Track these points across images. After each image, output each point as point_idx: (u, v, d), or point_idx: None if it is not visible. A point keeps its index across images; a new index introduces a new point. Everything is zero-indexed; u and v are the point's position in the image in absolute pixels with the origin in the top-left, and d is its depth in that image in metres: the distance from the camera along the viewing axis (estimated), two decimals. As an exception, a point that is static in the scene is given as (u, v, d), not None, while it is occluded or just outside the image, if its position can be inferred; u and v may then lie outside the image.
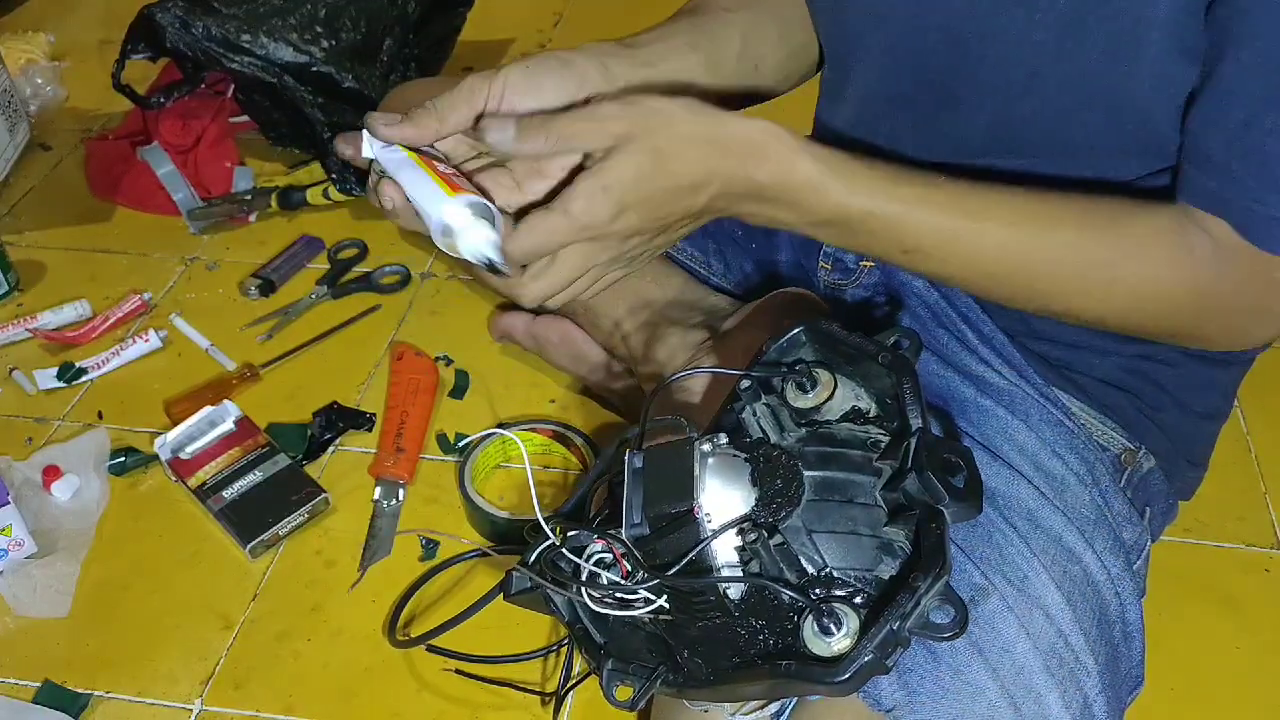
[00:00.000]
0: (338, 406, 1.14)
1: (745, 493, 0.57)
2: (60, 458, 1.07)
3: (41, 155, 1.58)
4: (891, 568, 0.55)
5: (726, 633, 0.56)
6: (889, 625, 0.51)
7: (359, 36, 1.44)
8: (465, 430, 1.12)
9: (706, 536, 0.55)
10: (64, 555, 0.99)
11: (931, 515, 0.54)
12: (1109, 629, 0.67)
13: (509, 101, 0.65)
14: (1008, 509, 0.67)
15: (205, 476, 1.05)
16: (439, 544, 1.01)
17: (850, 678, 0.51)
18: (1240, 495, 1.04)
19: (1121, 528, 0.71)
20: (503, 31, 1.84)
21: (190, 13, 1.38)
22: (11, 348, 1.24)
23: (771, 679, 0.54)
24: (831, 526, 0.56)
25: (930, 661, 0.61)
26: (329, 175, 1.42)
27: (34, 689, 0.90)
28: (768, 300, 0.85)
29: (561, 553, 0.60)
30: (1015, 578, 0.64)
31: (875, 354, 0.59)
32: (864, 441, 0.59)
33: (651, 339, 0.91)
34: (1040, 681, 0.62)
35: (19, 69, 1.68)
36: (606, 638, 0.62)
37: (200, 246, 1.39)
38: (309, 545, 1.02)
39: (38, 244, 1.41)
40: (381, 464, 1.07)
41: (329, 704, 0.89)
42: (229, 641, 0.94)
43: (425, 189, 0.60)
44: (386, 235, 1.39)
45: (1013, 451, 0.70)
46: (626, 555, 0.57)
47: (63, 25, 1.89)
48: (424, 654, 0.89)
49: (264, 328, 1.26)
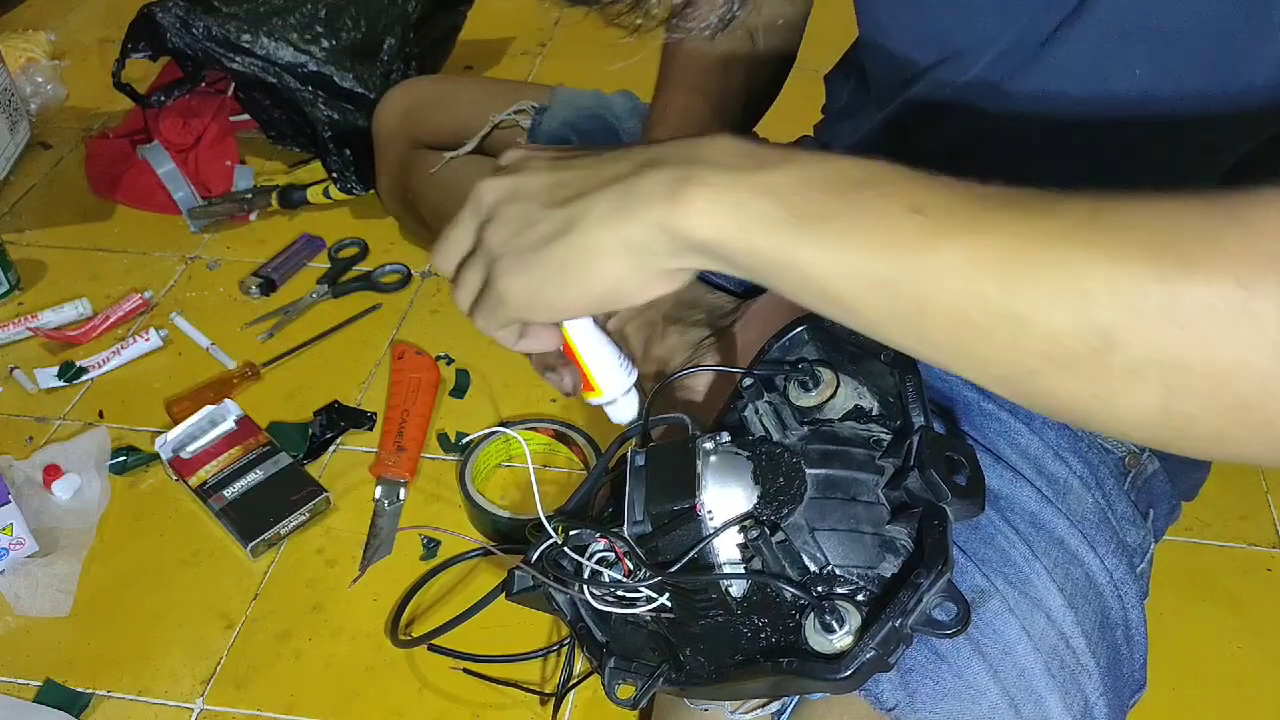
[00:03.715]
0: (339, 405, 1.14)
1: (747, 490, 0.56)
2: (61, 457, 1.07)
3: (42, 154, 1.58)
4: (894, 565, 0.55)
5: (729, 630, 0.56)
6: (891, 622, 0.50)
7: (359, 36, 1.44)
8: (466, 429, 1.12)
9: (709, 534, 0.55)
10: (65, 554, 0.99)
11: (934, 513, 0.53)
12: (1111, 631, 0.67)
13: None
14: (1010, 511, 0.67)
15: (206, 476, 1.05)
16: (440, 543, 1.00)
17: (852, 675, 0.51)
18: (1242, 495, 1.04)
19: (1124, 530, 0.71)
20: (503, 30, 1.84)
21: (190, 12, 1.38)
22: (12, 347, 1.24)
23: (773, 676, 0.54)
24: (834, 524, 0.56)
25: (931, 662, 0.61)
26: (329, 174, 1.42)
27: (35, 688, 0.90)
28: (769, 298, 0.85)
29: (564, 551, 0.60)
30: (1017, 580, 0.64)
31: (878, 352, 0.59)
32: (866, 439, 0.59)
33: (652, 337, 0.91)
34: (1042, 683, 0.62)
35: (19, 68, 1.68)
36: (608, 636, 0.62)
37: (201, 245, 1.39)
38: (310, 544, 1.02)
39: (38, 243, 1.41)
40: (382, 463, 1.07)
41: (330, 703, 0.89)
42: (230, 641, 0.94)
43: (608, 361, 0.63)
44: (387, 234, 1.39)
45: (1015, 454, 0.70)
46: (628, 553, 0.57)
47: (63, 24, 1.89)
48: (425, 653, 0.89)
49: (265, 327, 1.26)
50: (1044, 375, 0.42)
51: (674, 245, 0.50)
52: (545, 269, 0.53)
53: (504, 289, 0.55)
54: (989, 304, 0.42)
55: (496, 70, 1.77)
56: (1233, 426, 0.40)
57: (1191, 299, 0.39)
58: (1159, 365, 0.40)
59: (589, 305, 0.54)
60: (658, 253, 0.50)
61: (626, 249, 0.51)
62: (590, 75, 1.19)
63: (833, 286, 0.46)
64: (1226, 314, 0.38)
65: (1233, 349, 0.38)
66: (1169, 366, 0.39)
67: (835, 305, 0.47)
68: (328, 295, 1.30)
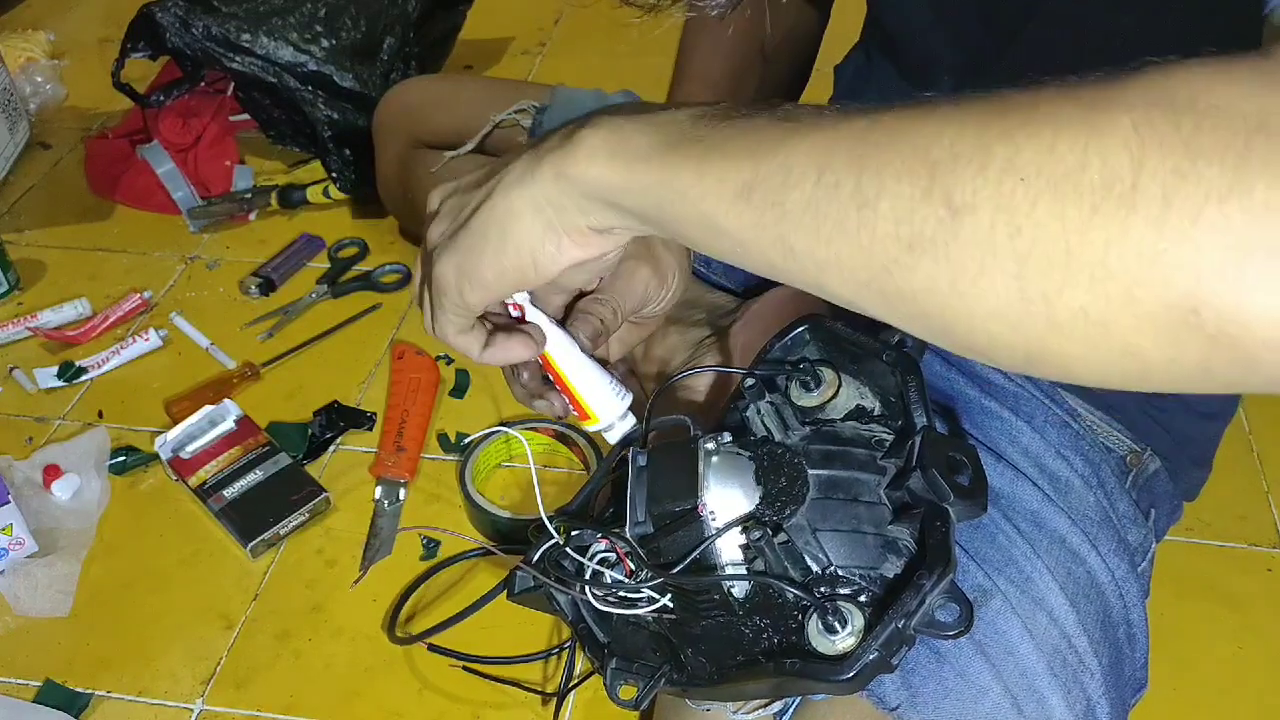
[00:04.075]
0: (338, 405, 1.14)
1: (749, 491, 0.56)
2: (61, 457, 1.07)
3: (41, 154, 1.58)
4: (896, 566, 0.55)
5: (731, 631, 0.56)
6: (894, 623, 0.50)
7: (359, 35, 1.44)
8: (466, 429, 1.12)
9: (711, 535, 0.55)
10: (65, 555, 0.99)
11: (936, 513, 0.53)
12: (1113, 631, 0.67)
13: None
14: (1011, 510, 0.67)
15: (206, 476, 1.05)
16: (440, 543, 1.00)
17: (855, 676, 0.51)
18: (1242, 494, 1.04)
19: (1126, 529, 0.71)
20: (503, 30, 1.84)
21: (190, 12, 1.38)
22: (11, 346, 1.24)
23: (776, 677, 0.54)
24: (836, 525, 0.56)
25: (934, 662, 0.61)
26: (329, 174, 1.42)
27: (35, 688, 0.90)
28: (770, 297, 0.85)
29: (565, 551, 0.60)
30: (1019, 579, 0.64)
31: (879, 352, 0.59)
32: (868, 440, 0.59)
33: (652, 338, 0.91)
34: (1044, 683, 0.62)
35: (19, 67, 1.68)
36: (610, 637, 0.62)
37: (200, 245, 1.39)
38: (310, 545, 1.02)
39: (38, 243, 1.40)
40: (382, 463, 1.07)
41: (330, 703, 0.89)
42: (230, 641, 0.94)
43: (600, 389, 0.65)
44: (387, 234, 1.39)
45: (1017, 453, 0.70)
46: (630, 554, 0.57)
47: (63, 24, 1.89)
48: (425, 653, 0.89)
49: (264, 326, 1.26)
50: (901, 266, 0.40)
51: (575, 196, 0.51)
52: (469, 239, 0.55)
53: (439, 274, 0.56)
54: (839, 191, 0.41)
55: (496, 70, 1.77)
56: (1099, 302, 0.36)
57: (1032, 149, 0.36)
58: (1007, 228, 0.36)
59: (514, 272, 0.54)
60: (564, 207, 0.51)
61: (535, 207, 0.52)
62: (590, 74, 1.19)
63: (704, 203, 0.46)
64: (1075, 163, 0.35)
65: (1085, 200, 0.35)
66: (1017, 229, 0.36)
67: (709, 226, 0.46)
68: (327, 295, 1.30)
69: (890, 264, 0.40)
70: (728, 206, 0.45)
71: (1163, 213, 0.33)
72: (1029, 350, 0.39)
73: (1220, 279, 0.33)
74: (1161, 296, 0.34)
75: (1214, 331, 0.34)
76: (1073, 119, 0.36)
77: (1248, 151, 0.33)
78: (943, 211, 0.38)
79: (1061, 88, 0.37)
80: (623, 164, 0.48)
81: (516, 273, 0.54)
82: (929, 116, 0.40)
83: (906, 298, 0.41)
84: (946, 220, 0.38)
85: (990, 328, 0.39)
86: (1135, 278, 0.34)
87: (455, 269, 0.56)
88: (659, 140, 0.47)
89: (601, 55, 1.72)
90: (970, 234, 0.37)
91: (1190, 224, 0.33)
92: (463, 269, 0.55)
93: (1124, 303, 0.35)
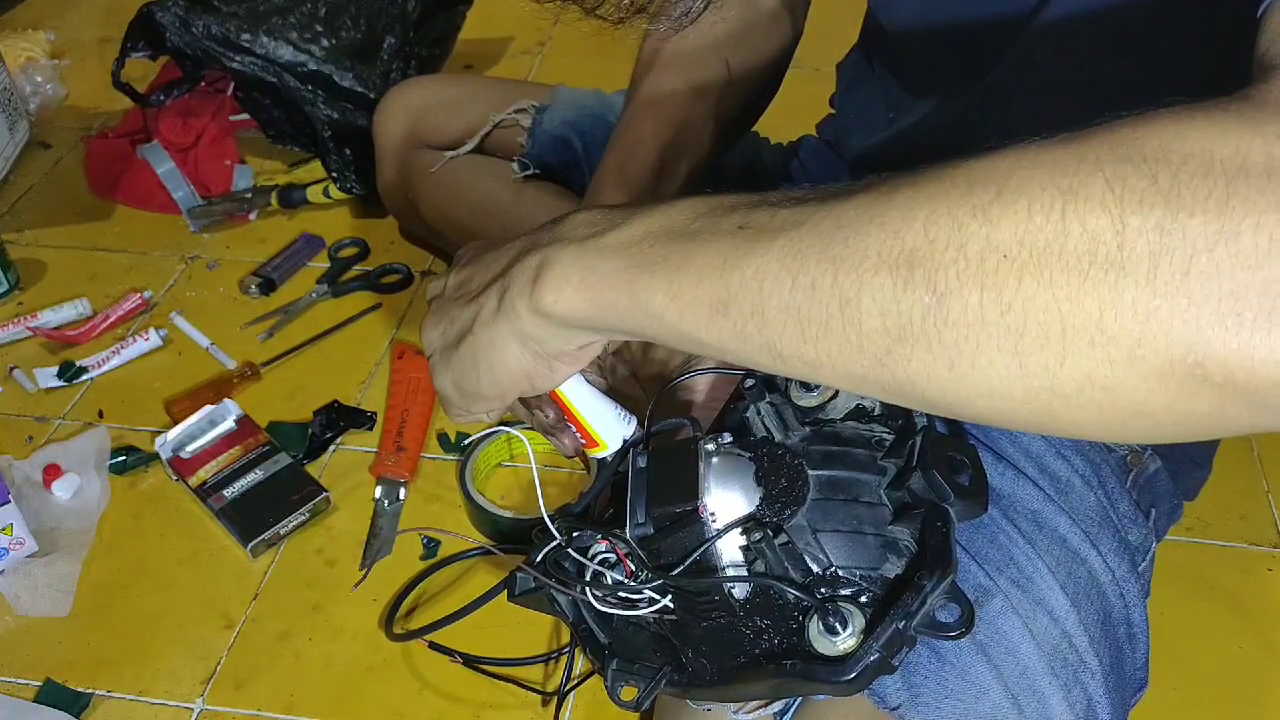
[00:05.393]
0: (338, 405, 1.14)
1: (750, 492, 0.56)
2: (61, 456, 1.07)
3: (41, 153, 1.58)
4: (897, 566, 0.55)
5: (731, 632, 0.56)
6: (895, 624, 0.50)
7: (359, 35, 1.44)
8: (466, 429, 1.12)
9: (711, 536, 0.55)
10: (65, 554, 0.99)
11: (937, 514, 0.53)
12: (1113, 630, 0.67)
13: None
14: (1012, 510, 0.67)
15: (206, 475, 1.05)
16: (440, 543, 1.00)
17: (856, 677, 0.50)
18: (1242, 494, 1.04)
19: (1127, 529, 0.71)
20: (503, 30, 1.84)
21: (190, 11, 1.38)
22: (12, 346, 1.24)
23: (777, 678, 0.53)
24: (836, 525, 0.56)
25: (934, 661, 0.61)
26: (329, 173, 1.42)
27: (35, 688, 0.90)
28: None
29: (566, 552, 0.60)
30: (1019, 579, 0.64)
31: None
32: (869, 440, 0.59)
33: (651, 340, 0.91)
34: (1044, 683, 0.62)
35: (19, 67, 1.68)
36: (611, 638, 0.62)
37: (200, 245, 1.39)
38: (310, 544, 1.02)
39: (38, 242, 1.40)
40: (382, 463, 1.07)
41: (330, 703, 0.89)
42: (230, 641, 0.94)
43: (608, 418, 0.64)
44: (387, 234, 1.39)
45: (1017, 452, 0.70)
46: (630, 555, 0.57)
47: (63, 23, 1.89)
48: (425, 653, 0.89)
49: (264, 326, 1.26)
50: (894, 357, 0.39)
51: (554, 327, 0.52)
52: (462, 365, 0.57)
53: (440, 387, 0.60)
54: (818, 292, 0.40)
55: (496, 70, 1.77)
56: (1103, 368, 0.35)
57: (1010, 223, 0.35)
58: (997, 306, 0.36)
59: (513, 390, 0.57)
60: (544, 338, 0.53)
61: (518, 339, 0.54)
62: (590, 75, 1.19)
63: (682, 323, 0.46)
64: (1055, 232, 0.35)
65: (1072, 269, 0.35)
66: (1008, 306, 0.36)
67: (691, 341, 0.47)
68: (327, 295, 1.30)
69: (883, 355, 0.40)
70: (705, 324, 0.45)
71: (1152, 270, 0.33)
72: (1040, 422, 0.39)
73: (1220, 327, 0.33)
74: (1165, 352, 0.34)
75: (1221, 380, 0.34)
76: (1045, 185, 0.35)
77: (1229, 197, 0.33)
78: (928, 299, 0.37)
79: (1025, 153, 0.37)
80: (593, 293, 0.49)
81: (515, 390, 0.57)
82: (891, 201, 0.39)
83: (905, 385, 0.40)
84: (933, 307, 0.37)
85: (996, 405, 0.39)
86: (1136, 338, 0.34)
87: (455, 386, 0.58)
88: (623, 264, 0.48)
89: (601, 55, 1.71)
90: (960, 316, 0.37)
91: (1181, 278, 0.33)
92: (463, 388, 0.58)
93: (1128, 363, 0.35)
